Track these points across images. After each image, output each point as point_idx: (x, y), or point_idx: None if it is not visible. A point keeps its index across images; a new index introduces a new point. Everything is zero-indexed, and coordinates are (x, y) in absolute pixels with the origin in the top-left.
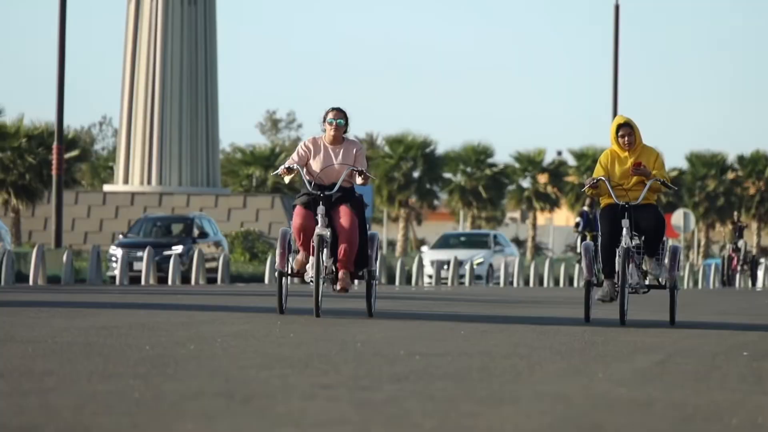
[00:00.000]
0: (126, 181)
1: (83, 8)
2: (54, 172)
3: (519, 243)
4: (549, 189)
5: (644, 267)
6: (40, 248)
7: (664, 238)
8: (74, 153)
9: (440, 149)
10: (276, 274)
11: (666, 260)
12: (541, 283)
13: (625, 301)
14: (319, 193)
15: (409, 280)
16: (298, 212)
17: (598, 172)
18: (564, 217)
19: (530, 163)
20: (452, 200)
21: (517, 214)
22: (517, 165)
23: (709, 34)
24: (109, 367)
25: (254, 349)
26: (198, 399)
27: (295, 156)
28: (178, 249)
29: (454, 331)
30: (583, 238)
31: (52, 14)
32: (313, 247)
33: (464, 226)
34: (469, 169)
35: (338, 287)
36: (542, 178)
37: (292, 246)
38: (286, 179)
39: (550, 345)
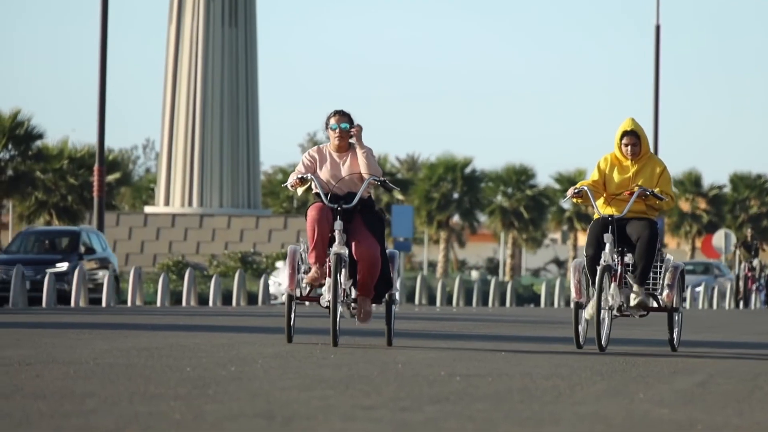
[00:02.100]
0: (167, 203)
1: (124, 30)
2: (95, 194)
3: (560, 264)
4: (590, 209)
5: (632, 295)
6: (82, 270)
7: (667, 256)
8: (116, 175)
9: (480, 171)
10: (284, 297)
11: (665, 280)
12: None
13: (602, 326)
14: (336, 206)
15: (450, 301)
16: (313, 207)
17: (593, 178)
18: None
19: (571, 183)
20: (493, 222)
21: (558, 235)
22: (557, 186)
23: (752, 54)
24: (150, 389)
25: (295, 370)
26: (239, 420)
27: (300, 167)
28: (62, 266)
29: (494, 352)
30: None
31: (93, 37)
32: (329, 267)
33: (505, 248)
34: (509, 191)
35: (358, 320)
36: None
37: (303, 266)
38: (299, 191)
39: (590, 366)
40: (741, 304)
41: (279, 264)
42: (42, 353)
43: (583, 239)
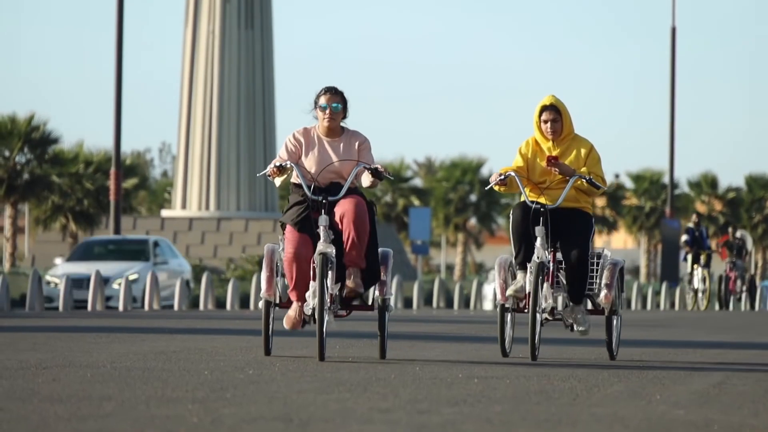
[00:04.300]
0: (184, 207)
1: (140, 34)
2: (112, 198)
3: None
4: (607, 212)
5: (567, 311)
6: (98, 274)
7: (605, 252)
8: (132, 181)
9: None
10: (261, 303)
11: (603, 279)
12: None
13: (536, 331)
14: (320, 198)
15: (467, 304)
16: (290, 237)
17: (517, 164)
18: (622, 240)
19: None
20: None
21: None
22: None
23: (767, 56)
24: (167, 392)
25: (313, 373)
26: (256, 423)
27: (282, 152)
28: None
29: (512, 354)
30: (695, 258)
31: (109, 40)
32: (314, 268)
33: None
34: None
35: (346, 290)
36: (600, 202)
37: (280, 269)
38: (277, 181)
39: (607, 367)
40: (724, 305)
41: (57, 260)
42: (59, 357)
43: (599, 241)
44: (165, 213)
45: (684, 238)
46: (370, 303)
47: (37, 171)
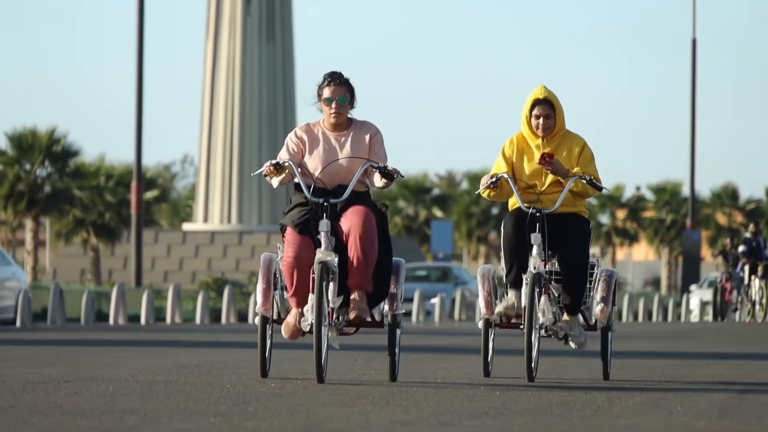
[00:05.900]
0: (206, 220)
1: (161, 47)
2: (133, 211)
3: None
4: (628, 224)
5: (559, 325)
6: (121, 287)
7: (598, 262)
8: (154, 193)
9: None
10: (257, 319)
11: (598, 292)
12: (620, 317)
13: (533, 348)
14: (321, 200)
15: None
16: (291, 239)
17: (500, 168)
18: (643, 252)
19: (609, 198)
20: None
21: (596, 250)
22: (595, 201)
23: None
24: (189, 406)
25: (335, 385)
26: None
27: (283, 153)
28: None
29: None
30: (752, 269)
31: (130, 53)
32: (313, 279)
33: None
34: None
35: (350, 315)
36: (621, 214)
37: (279, 281)
38: (274, 182)
39: (629, 378)
40: (719, 316)
41: None
42: (81, 370)
43: (621, 253)
44: (187, 226)
45: (741, 248)
46: (379, 319)
47: (58, 184)
